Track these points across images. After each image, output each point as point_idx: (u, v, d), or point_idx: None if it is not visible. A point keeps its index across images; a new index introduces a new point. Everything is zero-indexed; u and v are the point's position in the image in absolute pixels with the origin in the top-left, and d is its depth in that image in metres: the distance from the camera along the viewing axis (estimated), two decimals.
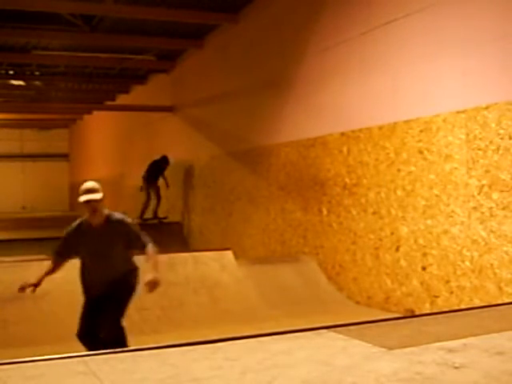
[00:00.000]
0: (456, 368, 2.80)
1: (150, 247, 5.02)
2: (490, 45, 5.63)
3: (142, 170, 13.67)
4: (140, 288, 4.99)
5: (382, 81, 7.03)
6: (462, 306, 5.72)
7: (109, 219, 4.93)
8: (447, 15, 6.11)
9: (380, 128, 7.00)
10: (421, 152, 6.41)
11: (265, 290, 7.37)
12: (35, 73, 15.23)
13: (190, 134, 13.10)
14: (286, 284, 7.66)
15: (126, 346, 4.71)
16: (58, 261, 5.13)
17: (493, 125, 5.57)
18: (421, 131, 6.40)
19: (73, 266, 7.07)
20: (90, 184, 4.89)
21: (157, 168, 13.40)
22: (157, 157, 13.49)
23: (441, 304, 6.12)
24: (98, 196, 4.81)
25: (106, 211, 4.95)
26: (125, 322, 4.97)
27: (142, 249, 4.99)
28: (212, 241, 11.42)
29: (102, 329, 4.76)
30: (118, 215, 5.04)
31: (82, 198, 4.81)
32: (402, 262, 6.67)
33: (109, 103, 18.46)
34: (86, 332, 4.89)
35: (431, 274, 6.29)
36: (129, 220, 5.15)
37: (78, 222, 5.02)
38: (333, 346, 3.30)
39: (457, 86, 6.01)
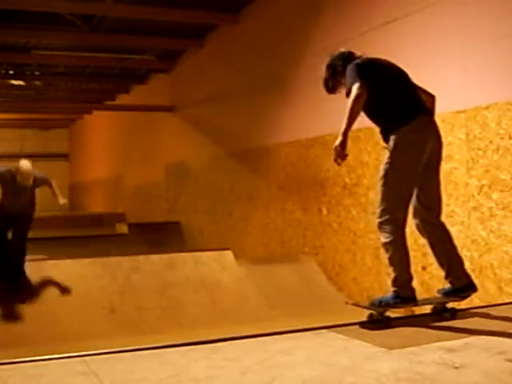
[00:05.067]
0: (456, 368, 2.80)
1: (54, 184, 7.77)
2: (490, 44, 5.63)
3: (141, 169, 13.68)
4: None
5: None
6: (463, 306, 5.71)
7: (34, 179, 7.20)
8: (447, 15, 6.11)
9: None
10: None
11: (265, 290, 7.37)
12: (35, 73, 15.23)
13: (190, 133, 13.09)
14: (286, 284, 7.66)
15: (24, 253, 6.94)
16: None
17: (493, 125, 5.57)
18: None
19: (73, 269, 7.09)
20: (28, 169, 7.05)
21: None
22: None
23: None
24: (30, 183, 7.08)
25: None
26: None
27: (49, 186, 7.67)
28: (212, 241, 11.42)
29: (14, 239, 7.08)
30: (40, 175, 7.47)
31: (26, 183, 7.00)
32: None
33: (109, 103, 18.45)
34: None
35: (431, 274, 6.28)
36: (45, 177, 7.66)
37: (8, 169, 7.25)
38: (333, 346, 3.30)
39: (457, 86, 6.00)
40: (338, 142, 3.91)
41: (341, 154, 3.97)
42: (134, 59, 13.63)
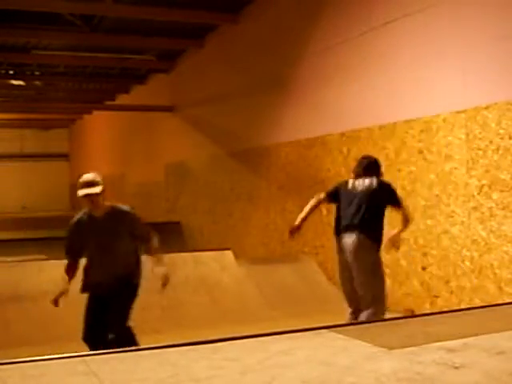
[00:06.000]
0: (456, 368, 2.80)
1: (155, 242, 4.85)
2: (490, 45, 5.63)
3: (142, 169, 13.67)
4: (145, 284, 4.89)
5: (382, 81, 7.03)
6: (462, 306, 5.72)
7: (112, 210, 4.67)
8: (447, 15, 6.11)
9: (380, 128, 6.99)
10: (421, 152, 6.41)
11: (265, 289, 7.37)
12: (35, 73, 15.23)
13: (190, 133, 13.09)
14: (286, 284, 7.66)
15: (136, 345, 4.46)
16: (73, 261, 4.81)
17: (493, 125, 5.57)
18: (421, 131, 6.40)
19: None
20: (89, 177, 4.59)
21: None
22: None
23: (441, 304, 6.12)
24: (97, 190, 4.50)
25: (108, 203, 4.68)
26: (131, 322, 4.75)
27: (146, 242, 4.81)
28: (212, 241, 11.42)
29: (109, 330, 4.52)
30: (123, 206, 4.78)
31: (81, 192, 4.52)
32: (402, 262, 6.66)
33: (109, 103, 18.46)
34: (93, 334, 4.67)
35: (431, 273, 6.29)
36: (133, 211, 4.83)
37: (78, 216, 4.77)
38: (333, 346, 3.30)
39: (457, 86, 6.01)
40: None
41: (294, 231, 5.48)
42: (134, 59, 13.63)
